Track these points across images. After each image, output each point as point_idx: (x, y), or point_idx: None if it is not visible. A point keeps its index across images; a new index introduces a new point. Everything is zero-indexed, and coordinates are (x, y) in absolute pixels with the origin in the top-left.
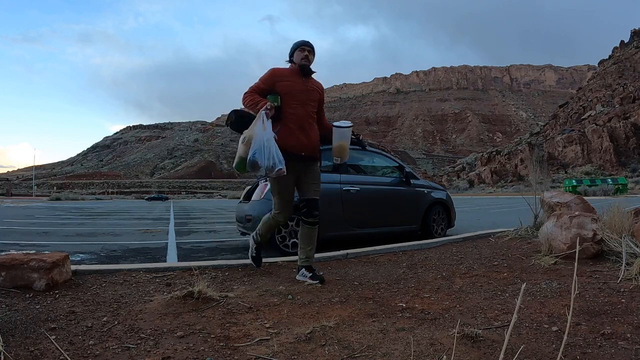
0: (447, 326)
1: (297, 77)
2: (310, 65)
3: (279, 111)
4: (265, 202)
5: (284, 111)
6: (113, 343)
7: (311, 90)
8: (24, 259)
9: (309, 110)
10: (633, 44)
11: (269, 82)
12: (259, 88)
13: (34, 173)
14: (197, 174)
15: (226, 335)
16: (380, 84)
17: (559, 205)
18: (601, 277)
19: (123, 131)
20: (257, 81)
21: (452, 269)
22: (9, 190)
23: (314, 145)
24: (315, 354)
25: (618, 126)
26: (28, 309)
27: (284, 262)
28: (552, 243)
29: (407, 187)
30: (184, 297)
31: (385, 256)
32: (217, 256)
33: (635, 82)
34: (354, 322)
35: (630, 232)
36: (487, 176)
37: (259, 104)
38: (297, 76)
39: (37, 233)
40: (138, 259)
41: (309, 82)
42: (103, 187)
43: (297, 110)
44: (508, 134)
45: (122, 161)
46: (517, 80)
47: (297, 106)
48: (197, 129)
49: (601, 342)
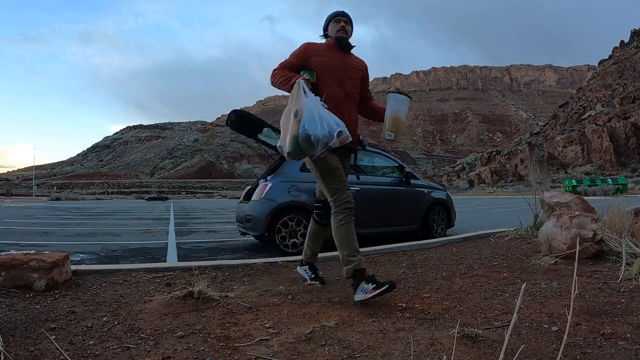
0: (447, 326)
1: (334, 51)
2: (349, 38)
3: (314, 90)
4: (265, 202)
5: (319, 90)
6: (113, 343)
7: (350, 67)
8: (24, 259)
9: (348, 90)
10: (633, 44)
11: (302, 57)
12: (290, 64)
13: (34, 173)
14: (197, 174)
15: (226, 335)
16: (380, 84)
17: (559, 205)
18: (601, 277)
19: (123, 131)
20: (287, 57)
21: (452, 269)
22: (9, 190)
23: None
24: (315, 354)
25: (618, 126)
26: (28, 309)
27: (284, 262)
28: (552, 243)
29: (407, 187)
30: (184, 297)
31: (385, 256)
32: (217, 256)
33: (635, 82)
34: (354, 322)
35: (630, 232)
36: (487, 176)
37: (292, 79)
38: (334, 51)
39: (37, 233)
40: (138, 259)
41: (347, 57)
42: (103, 187)
43: (333, 90)
44: (508, 134)
45: (122, 161)
46: (517, 80)
47: (334, 85)
48: (197, 129)
49: (601, 342)
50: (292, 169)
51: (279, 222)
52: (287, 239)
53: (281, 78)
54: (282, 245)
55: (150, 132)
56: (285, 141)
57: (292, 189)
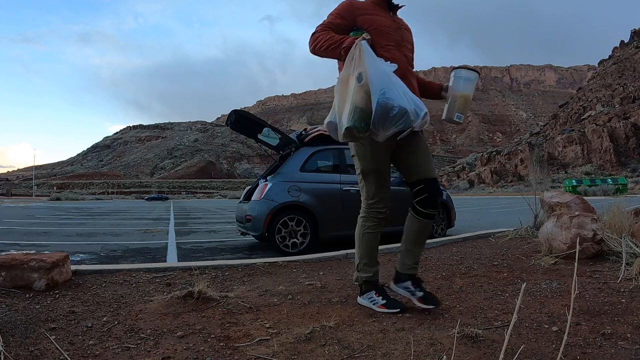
0: (447, 326)
1: (383, 10)
2: None
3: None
4: (265, 202)
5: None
6: (113, 343)
7: (402, 28)
8: (24, 259)
9: (407, 55)
10: (633, 44)
11: (348, 15)
12: (334, 24)
13: (34, 173)
14: (197, 174)
15: (226, 335)
16: None
17: (559, 205)
18: (601, 277)
19: (123, 131)
20: (327, 18)
21: (452, 269)
22: (9, 190)
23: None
24: (315, 354)
25: (618, 126)
26: (28, 309)
27: (284, 262)
28: (552, 243)
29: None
30: (184, 297)
31: (385, 256)
32: (217, 256)
33: (635, 82)
34: (354, 322)
35: (630, 232)
36: (487, 176)
37: (344, 42)
38: (383, 9)
39: (37, 233)
40: (138, 259)
41: (396, 18)
42: (103, 187)
43: (394, 54)
44: (508, 134)
45: (122, 161)
46: (517, 80)
47: (393, 49)
48: (197, 129)
49: (601, 342)
50: (292, 169)
51: (279, 222)
52: (287, 239)
53: (329, 41)
54: (282, 245)
55: (150, 132)
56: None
57: (292, 189)
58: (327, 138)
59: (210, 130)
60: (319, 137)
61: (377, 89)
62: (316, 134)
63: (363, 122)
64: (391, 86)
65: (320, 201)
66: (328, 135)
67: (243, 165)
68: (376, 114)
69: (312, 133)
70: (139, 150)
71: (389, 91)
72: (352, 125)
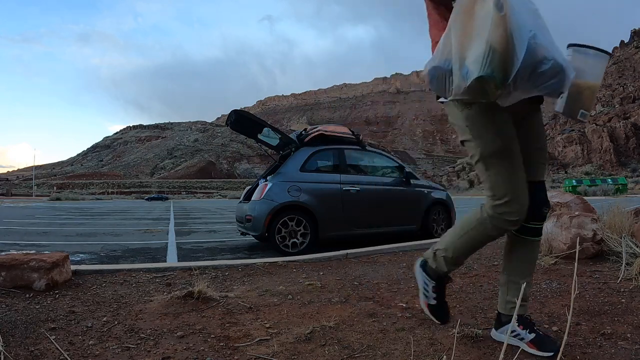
0: (447, 326)
1: None
2: None
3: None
4: (265, 202)
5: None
6: (113, 343)
7: None
8: (24, 259)
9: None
10: (633, 44)
11: None
12: None
13: (34, 173)
14: (197, 174)
15: (226, 335)
16: (380, 84)
17: (559, 205)
18: (601, 277)
19: (123, 131)
20: None
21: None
22: (9, 190)
23: None
24: (315, 354)
25: (618, 126)
26: (28, 309)
27: (284, 262)
28: (552, 243)
29: (407, 187)
30: (184, 297)
31: (385, 256)
32: (217, 256)
33: (635, 82)
34: (354, 322)
35: (630, 232)
36: None
37: None
38: None
39: (37, 233)
40: (138, 259)
41: None
42: (103, 187)
43: None
44: None
45: (122, 161)
46: None
47: None
48: (197, 129)
49: (601, 342)
50: (292, 169)
51: (279, 222)
52: (287, 239)
53: None
54: (282, 245)
55: (150, 132)
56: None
57: (292, 189)
58: (327, 138)
59: (210, 130)
60: (319, 137)
61: (525, 28)
62: (316, 134)
63: (502, 72)
64: (541, 29)
65: (320, 201)
66: (328, 135)
67: (243, 165)
68: (524, 62)
69: (312, 133)
70: (139, 150)
71: (540, 35)
72: (487, 74)
